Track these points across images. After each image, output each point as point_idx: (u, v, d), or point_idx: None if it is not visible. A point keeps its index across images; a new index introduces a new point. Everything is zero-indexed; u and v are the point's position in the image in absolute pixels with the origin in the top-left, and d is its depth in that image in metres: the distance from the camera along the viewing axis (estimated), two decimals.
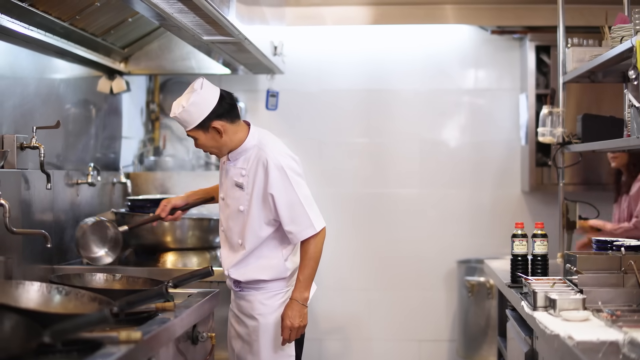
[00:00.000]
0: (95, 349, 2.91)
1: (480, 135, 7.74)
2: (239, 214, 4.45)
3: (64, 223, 5.41)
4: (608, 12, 5.63)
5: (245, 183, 4.43)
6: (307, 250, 4.39)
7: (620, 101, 5.53)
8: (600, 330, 3.41)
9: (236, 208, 4.46)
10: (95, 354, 2.84)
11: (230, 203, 4.50)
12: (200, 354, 3.97)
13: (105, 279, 4.10)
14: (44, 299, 3.44)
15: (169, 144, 7.66)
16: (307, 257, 4.39)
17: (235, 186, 4.47)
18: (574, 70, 5.52)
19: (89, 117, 6.12)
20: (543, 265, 5.04)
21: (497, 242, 7.42)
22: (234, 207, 4.48)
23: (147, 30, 6.35)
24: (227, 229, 4.53)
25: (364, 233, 7.59)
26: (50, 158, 5.20)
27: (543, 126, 5.83)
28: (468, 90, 7.78)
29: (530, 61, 7.31)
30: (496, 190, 7.74)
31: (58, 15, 5.00)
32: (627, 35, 4.78)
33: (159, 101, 7.57)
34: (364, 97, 7.72)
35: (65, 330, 2.88)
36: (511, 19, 7.38)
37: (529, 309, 4.07)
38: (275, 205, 4.36)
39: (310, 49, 7.75)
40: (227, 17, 4.85)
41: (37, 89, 5.26)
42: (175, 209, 4.80)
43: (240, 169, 4.47)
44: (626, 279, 4.12)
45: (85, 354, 2.87)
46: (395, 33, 7.74)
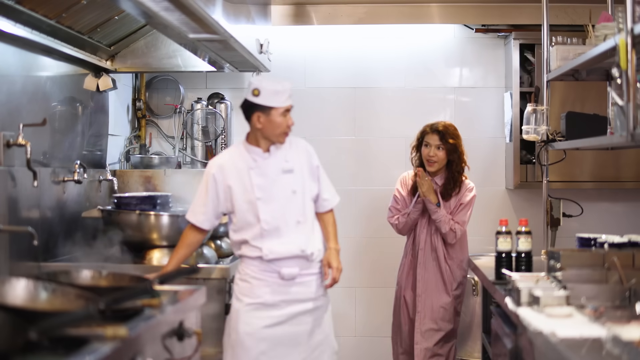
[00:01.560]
0: (82, 346, 2.91)
1: (465, 133, 7.71)
2: (293, 196, 5.02)
3: (50, 220, 5.41)
4: (592, 11, 5.67)
5: (293, 166, 5.05)
6: (332, 215, 5.27)
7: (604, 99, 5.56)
8: (583, 327, 3.44)
9: (288, 192, 5.01)
10: (81, 351, 2.85)
11: (277, 192, 4.98)
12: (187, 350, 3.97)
13: (91, 276, 4.09)
14: (30, 296, 3.44)
15: (155, 142, 7.66)
16: (333, 218, 5.27)
17: (283, 173, 5.01)
18: (558, 69, 5.55)
19: (75, 114, 6.12)
20: (527, 261, 5.08)
21: (482, 239, 7.45)
22: (283, 193, 5.00)
23: (133, 28, 6.35)
24: (278, 218, 4.96)
25: (350, 230, 7.60)
26: (36, 155, 5.20)
27: (527, 124, 5.86)
28: (453, 89, 7.80)
29: (515, 59, 7.33)
30: (481, 188, 7.74)
31: (44, 13, 5.00)
32: (610, 33, 4.81)
33: (145, 99, 7.57)
34: (350, 95, 7.73)
35: (52, 327, 2.88)
36: (496, 18, 7.40)
37: (513, 305, 4.10)
38: (319, 174, 5.16)
39: (296, 47, 7.76)
40: (212, 15, 4.86)
41: (23, 87, 5.26)
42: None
43: (282, 158, 5.03)
44: (609, 276, 4.14)
45: (71, 350, 2.87)
46: (381, 32, 7.75)
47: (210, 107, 7.53)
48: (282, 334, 4.96)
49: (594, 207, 7.13)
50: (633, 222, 7.41)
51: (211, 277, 5.26)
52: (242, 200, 4.94)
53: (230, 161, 5.02)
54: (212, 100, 7.59)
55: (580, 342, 3.17)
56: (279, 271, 4.95)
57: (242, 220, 4.97)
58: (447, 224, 6.15)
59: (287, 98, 4.95)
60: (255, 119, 4.93)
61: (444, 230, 6.16)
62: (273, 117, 4.92)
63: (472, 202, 6.33)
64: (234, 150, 5.10)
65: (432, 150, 6.25)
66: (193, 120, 7.52)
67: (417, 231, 6.34)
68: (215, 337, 5.26)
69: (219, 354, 5.22)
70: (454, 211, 6.25)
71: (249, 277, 4.97)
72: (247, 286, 4.96)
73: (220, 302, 5.30)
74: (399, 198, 6.40)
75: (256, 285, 4.95)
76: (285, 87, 4.94)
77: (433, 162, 6.26)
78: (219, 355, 5.23)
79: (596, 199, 7.45)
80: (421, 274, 6.28)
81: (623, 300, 3.89)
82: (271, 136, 4.97)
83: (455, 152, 6.27)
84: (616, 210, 7.61)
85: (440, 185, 6.30)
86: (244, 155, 5.02)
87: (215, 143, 7.53)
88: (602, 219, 7.41)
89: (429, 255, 6.27)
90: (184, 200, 6.18)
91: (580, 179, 7.21)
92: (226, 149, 5.32)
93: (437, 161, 6.27)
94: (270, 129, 4.94)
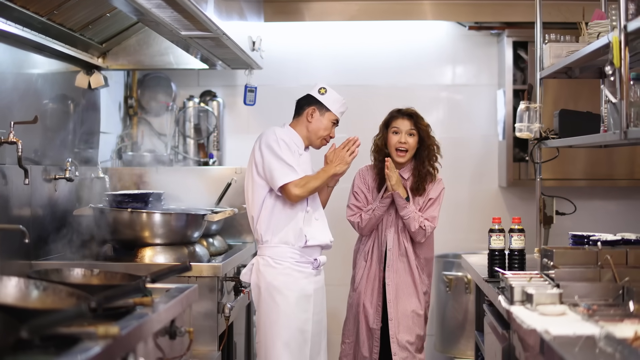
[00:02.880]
0: (73, 344, 2.89)
1: (458, 131, 7.77)
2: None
3: (41, 218, 5.39)
4: (585, 9, 5.65)
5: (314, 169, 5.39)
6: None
7: (597, 97, 5.57)
8: (576, 325, 3.43)
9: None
10: (73, 349, 2.83)
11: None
12: (179, 349, 3.96)
13: (83, 274, 4.08)
14: (21, 294, 3.42)
15: (147, 139, 7.64)
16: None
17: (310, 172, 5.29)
18: (551, 66, 5.54)
19: (67, 112, 6.10)
20: (520, 260, 5.07)
21: (475, 237, 7.45)
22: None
23: (125, 26, 6.34)
24: (316, 207, 5.34)
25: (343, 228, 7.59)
26: (28, 153, 5.18)
27: (520, 121, 5.85)
28: (446, 86, 7.80)
29: (508, 57, 7.34)
30: (474, 186, 7.77)
31: (36, 10, 4.98)
32: (603, 31, 4.82)
33: (137, 96, 7.55)
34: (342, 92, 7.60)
35: (43, 326, 2.87)
36: (489, 15, 7.41)
37: (506, 303, 4.09)
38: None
39: (289, 44, 7.76)
40: (205, 12, 4.85)
41: (14, 84, 5.24)
42: None
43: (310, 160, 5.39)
44: (602, 274, 4.14)
45: (63, 349, 2.85)
46: (374, 29, 7.75)
47: (202, 104, 7.52)
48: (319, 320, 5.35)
49: (587, 205, 7.12)
50: (626, 220, 7.42)
51: (203, 275, 5.24)
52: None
53: (288, 139, 5.24)
54: (204, 98, 7.59)
55: (574, 340, 3.16)
56: (313, 260, 5.26)
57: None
58: (417, 220, 5.64)
59: (342, 112, 5.43)
60: (310, 111, 5.29)
61: (413, 228, 5.64)
62: (325, 119, 5.30)
63: (441, 197, 5.82)
64: (286, 132, 5.31)
65: (403, 137, 5.74)
66: (185, 118, 7.51)
67: (381, 230, 5.81)
68: (207, 336, 5.25)
69: (211, 353, 5.21)
70: (422, 207, 5.76)
71: (290, 270, 5.19)
72: (291, 280, 5.18)
73: (212, 301, 5.29)
74: (360, 194, 5.90)
75: (298, 277, 5.20)
76: (345, 104, 5.43)
77: (404, 152, 5.75)
78: (211, 353, 5.22)
79: (589, 197, 7.46)
80: (391, 277, 5.75)
81: (616, 298, 3.88)
82: (313, 135, 5.32)
83: (429, 138, 5.76)
84: (609, 208, 7.62)
85: (407, 179, 5.78)
86: (296, 138, 5.30)
87: (207, 141, 7.52)
88: (595, 216, 7.42)
89: (397, 257, 5.77)
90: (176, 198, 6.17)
91: (574, 176, 7.22)
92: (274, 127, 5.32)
93: (408, 149, 5.74)
94: (317, 127, 5.30)
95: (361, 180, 5.94)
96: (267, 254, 5.18)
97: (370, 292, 5.80)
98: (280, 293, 5.13)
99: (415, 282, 5.77)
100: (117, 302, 3.43)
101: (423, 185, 5.75)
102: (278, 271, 5.15)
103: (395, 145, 5.76)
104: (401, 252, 5.76)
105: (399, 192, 5.60)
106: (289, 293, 5.14)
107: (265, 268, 5.17)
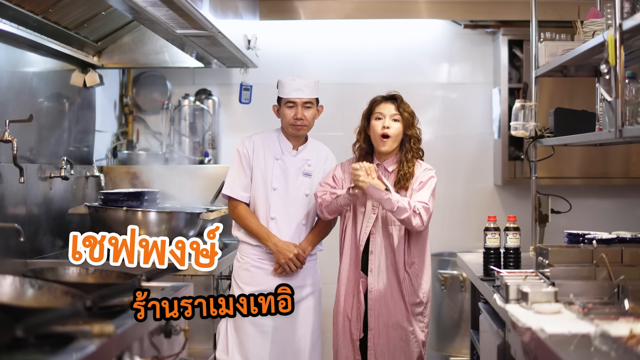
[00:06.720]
0: (68, 343, 2.89)
1: (453, 129, 7.77)
2: (305, 199, 5.32)
3: (37, 217, 5.39)
4: (580, 7, 5.65)
5: (312, 172, 5.33)
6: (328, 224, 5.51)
7: (592, 95, 5.57)
8: (571, 323, 3.43)
9: (301, 194, 5.31)
10: (68, 348, 2.83)
11: (292, 191, 5.30)
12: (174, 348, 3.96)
13: (78, 272, 4.07)
14: (16, 293, 3.42)
15: (142, 138, 7.64)
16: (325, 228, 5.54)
17: (302, 175, 5.32)
18: (547, 65, 5.54)
19: (62, 110, 6.09)
20: (515, 258, 5.07)
21: (470, 235, 7.45)
22: (297, 194, 5.30)
23: (120, 24, 6.33)
24: (284, 215, 5.26)
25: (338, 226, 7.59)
26: (23, 152, 5.17)
27: (516, 120, 5.84)
28: (441, 85, 7.80)
29: (503, 55, 7.34)
30: (469, 184, 7.77)
31: (31, 9, 4.98)
32: (599, 29, 4.81)
33: (132, 95, 7.55)
34: (338, 90, 7.72)
35: (38, 324, 2.87)
36: (484, 14, 7.41)
37: (501, 301, 4.10)
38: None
39: (284, 43, 7.75)
40: (200, 10, 4.85)
41: (9, 83, 5.23)
42: None
43: (307, 160, 5.36)
44: (598, 272, 4.15)
45: (58, 347, 2.85)
46: (369, 27, 7.75)
47: (197, 103, 7.51)
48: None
49: (582, 203, 7.12)
50: (621, 218, 7.43)
51: (198, 273, 5.24)
52: (260, 183, 5.26)
53: (261, 144, 5.32)
54: (200, 97, 7.58)
55: (569, 339, 3.17)
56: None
57: (252, 205, 5.29)
58: (407, 205, 4.86)
59: (293, 90, 5.27)
60: (275, 110, 5.40)
61: (406, 214, 4.87)
62: (283, 108, 5.29)
63: (433, 185, 5.10)
64: (269, 136, 5.38)
65: (387, 121, 5.13)
66: (180, 117, 7.50)
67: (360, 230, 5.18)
68: (202, 334, 5.25)
69: (206, 351, 5.21)
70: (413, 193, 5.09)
71: (249, 266, 5.29)
72: (248, 274, 5.28)
73: None
74: (337, 179, 5.23)
75: (256, 273, 5.27)
76: (297, 81, 5.30)
77: (387, 138, 5.12)
78: (206, 352, 5.22)
79: (585, 195, 7.46)
80: (372, 283, 5.10)
81: (611, 296, 3.89)
82: (286, 128, 5.32)
83: (413, 126, 5.19)
84: (604, 206, 7.62)
85: (391, 172, 5.19)
86: (275, 143, 5.34)
87: (202, 139, 7.51)
88: (591, 215, 7.42)
89: (383, 262, 5.10)
90: (172, 196, 6.17)
91: (569, 175, 7.22)
92: (262, 132, 5.49)
93: (392, 136, 5.13)
94: (283, 120, 5.31)
95: (342, 171, 5.27)
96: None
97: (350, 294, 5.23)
98: (238, 287, 5.29)
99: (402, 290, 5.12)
100: (112, 301, 3.43)
101: (408, 177, 5.09)
102: (238, 265, 5.35)
103: (379, 132, 5.14)
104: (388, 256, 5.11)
105: (373, 185, 4.85)
106: (245, 287, 5.23)
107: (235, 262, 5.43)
